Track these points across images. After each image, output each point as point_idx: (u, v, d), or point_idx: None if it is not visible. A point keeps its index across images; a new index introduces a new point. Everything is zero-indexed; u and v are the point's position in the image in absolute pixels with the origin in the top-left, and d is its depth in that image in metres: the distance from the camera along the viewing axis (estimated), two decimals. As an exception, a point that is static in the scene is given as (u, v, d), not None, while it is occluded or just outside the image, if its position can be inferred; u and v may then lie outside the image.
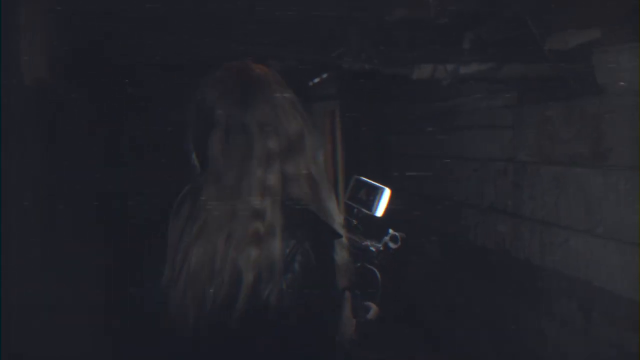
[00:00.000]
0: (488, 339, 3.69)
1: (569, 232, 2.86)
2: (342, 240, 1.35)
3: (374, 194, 1.70)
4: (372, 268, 1.67)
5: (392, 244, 1.68)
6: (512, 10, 2.70)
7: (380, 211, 1.69)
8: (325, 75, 5.32)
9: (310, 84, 5.85)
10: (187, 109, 1.38)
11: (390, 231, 1.68)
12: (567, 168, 2.87)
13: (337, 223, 1.37)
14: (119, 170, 4.44)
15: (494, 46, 2.89)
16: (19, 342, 2.40)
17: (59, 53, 3.07)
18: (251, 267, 1.22)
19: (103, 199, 3.85)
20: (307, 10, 2.90)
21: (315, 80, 5.68)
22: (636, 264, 2.41)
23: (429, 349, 4.37)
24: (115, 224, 4.05)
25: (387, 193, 1.69)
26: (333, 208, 1.37)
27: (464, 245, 3.96)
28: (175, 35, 3.09)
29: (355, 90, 5.26)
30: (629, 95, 2.45)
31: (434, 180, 4.41)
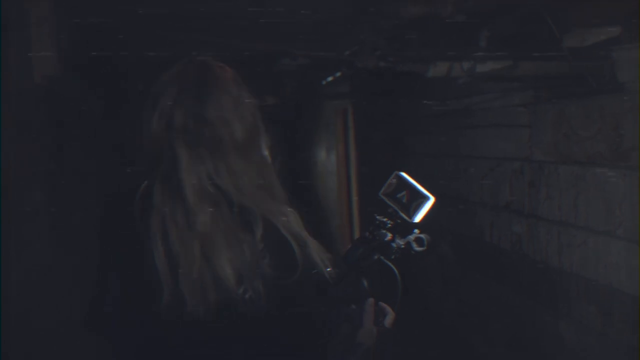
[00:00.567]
0: (504, 342, 3.64)
1: (588, 234, 2.81)
2: (300, 234, 1.36)
3: (415, 199, 1.59)
4: (391, 266, 1.60)
5: (417, 246, 1.60)
6: (530, 7, 2.66)
7: (419, 219, 1.59)
8: (338, 74, 5.27)
9: (324, 82, 5.81)
10: (143, 104, 1.38)
11: (416, 231, 1.61)
12: (585, 168, 2.81)
13: (290, 220, 1.37)
14: (129, 168, 4.41)
15: (510, 43, 2.85)
16: (19, 342, 2.37)
17: (69, 50, 3.05)
18: (223, 265, 1.24)
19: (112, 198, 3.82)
20: (321, 7, 2.87)
21: (329, 79, 5.64)
22: (658, 267, 2.36)
23: (443, 352, 4.32)
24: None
25: (430, 202, 1.58)
26: (282, 206, 1.38)
27: (478, 246, 3.91)
28: (186, 33, 3.07)
29: (369, 89, 5.21)
30: (650, 93, 2.39)
31: (448, 180, 4.36)
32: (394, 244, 1.60)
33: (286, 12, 2.94)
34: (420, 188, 1.61)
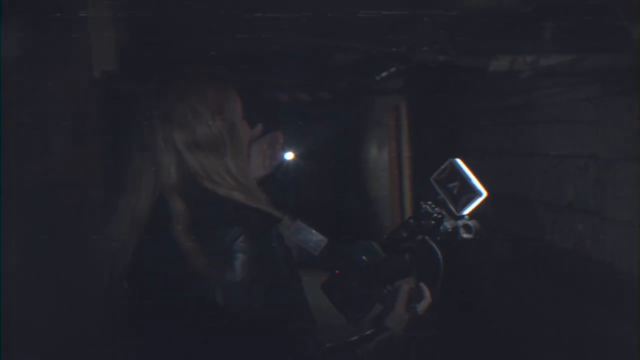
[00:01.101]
0: (566, 349, 3.53)
1: (659, 235, 2.68)
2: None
3: (466, 193, 1.53)
4: (434, 246, 1.53)
5: (464, 233, 1.54)
6: (596, -2, 2.56)
7: (466, 212, 1.54)
8: (392, 69, 5.20)
9: (377, 78, 5.73)
10: (139, 107, 1.45)
11: (466, 217, 1.54)
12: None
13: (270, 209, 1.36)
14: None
15: (576, 35, 2.75)
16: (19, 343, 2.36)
17: (127, 46, 3.07)
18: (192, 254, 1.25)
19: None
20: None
21: (382, 75, 5.56)
22: None
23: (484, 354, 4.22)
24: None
25: (482, 198, 1.53)
26: (259, 195, 1.38)
27: (539, 247, 3.80)
28: (245, 27, 3.07)
29: (424, 84, 5.13)
30: None
31: (507, 178, 4.25)
32: (441, 227, 1.55)
33: (340, 6, 2.90)
34: (474, 181, 1.55)
